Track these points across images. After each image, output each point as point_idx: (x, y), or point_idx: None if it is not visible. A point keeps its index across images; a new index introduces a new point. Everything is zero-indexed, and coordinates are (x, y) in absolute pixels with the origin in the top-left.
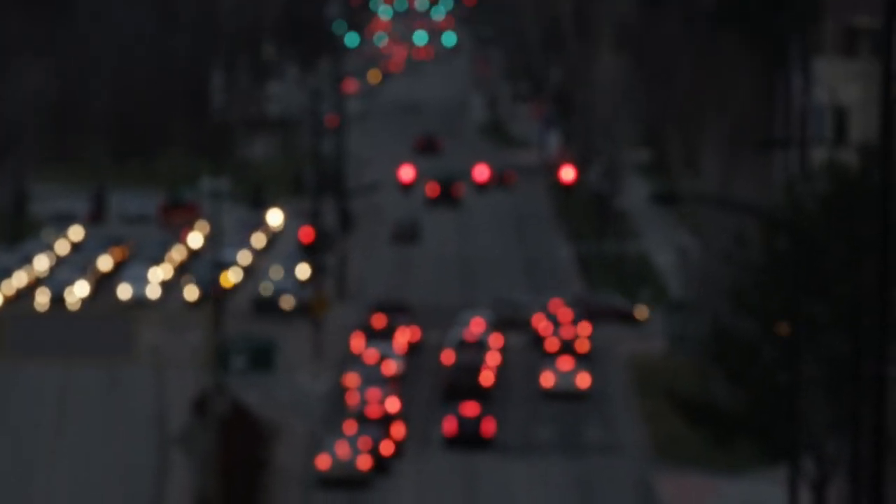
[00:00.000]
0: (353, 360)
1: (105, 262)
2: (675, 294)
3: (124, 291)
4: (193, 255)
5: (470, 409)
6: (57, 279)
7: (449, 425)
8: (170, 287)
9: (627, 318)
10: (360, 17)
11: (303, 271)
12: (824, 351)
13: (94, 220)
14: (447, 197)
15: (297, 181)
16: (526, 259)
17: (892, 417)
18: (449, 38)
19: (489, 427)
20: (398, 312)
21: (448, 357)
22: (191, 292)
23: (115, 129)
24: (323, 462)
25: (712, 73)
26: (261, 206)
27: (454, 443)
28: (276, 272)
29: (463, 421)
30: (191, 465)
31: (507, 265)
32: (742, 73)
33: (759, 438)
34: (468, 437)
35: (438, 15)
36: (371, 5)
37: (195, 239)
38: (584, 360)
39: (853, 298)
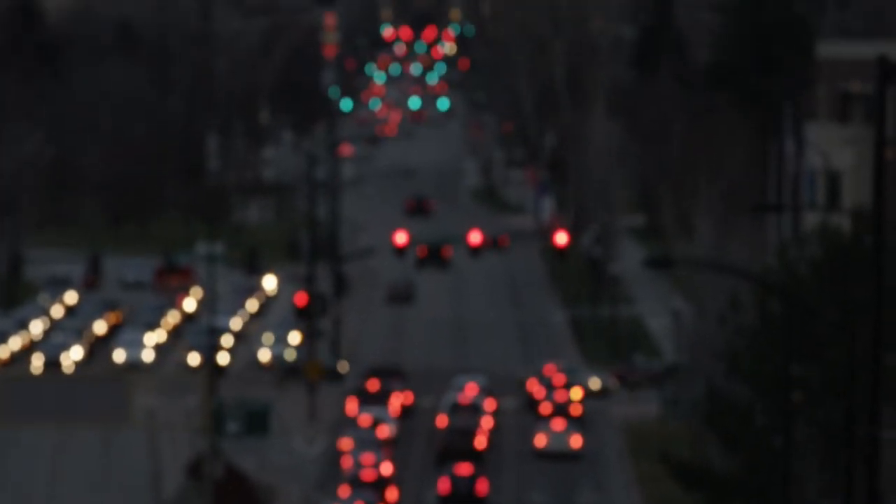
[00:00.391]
0: (348, 424)
1: (100, 327)
2: (669, 358)
3: (119, 355)
4: (188, 319)
5: (464, 469)
6: (52, 343)
7: (443, 485)
8: (165, 351)
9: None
10: (355, 82)
11: (294, 337)
12: (818, 415)
13: (89, 285)
14: (436, 258)
15: (293, 246)
16: (520, 323)
17: (886, 481)
18: (443, 103)
19: (483, 487)
20: (392, 376)
21: (442, 421)
22: (186, 357)
23: (111, 192)
24: None
25: (706, 137)
26: (256, 271)
27: (448, 502)
28: (268, 339)
29: (457, 480)
30: None
31: (501, 329)
32: (735, 138)
33: (754, 502)
34: (462, 497)
35: (432, 80)
36: (366, 70)
37: (190, 304)
38: (577, 423)
39: (846, 362)
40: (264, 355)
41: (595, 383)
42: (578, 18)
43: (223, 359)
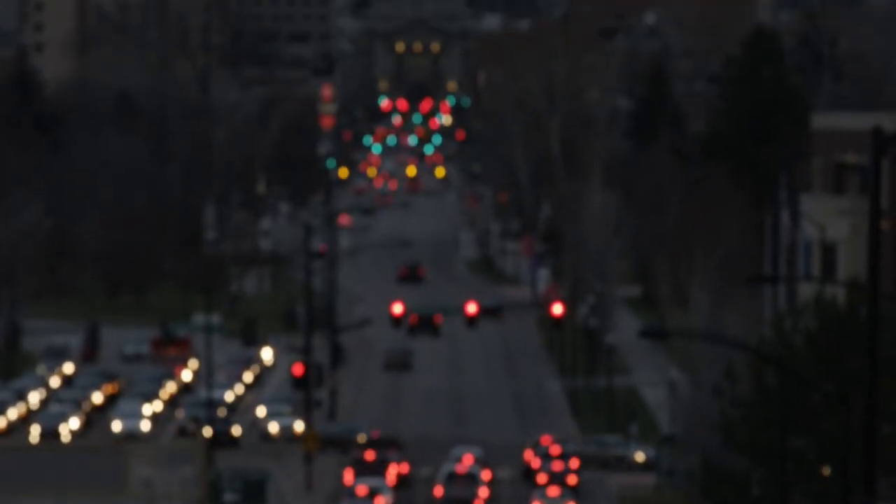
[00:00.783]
0: (345, 494)
1: (98, 397)
2: (665, 428)
3: (117, 426)
4: (186, 390)
5: None
6: (50, 413)
7: None
8: (162, 421)
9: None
10: (352, 153)
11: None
12: (814, 485)
13: (87, 357)
14: (429, 326)
15: (289, 316)
16: (516, 393)
17: None
18: (439, 174)
19: None
20: (388, 447)
21: (439, 491)
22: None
23: (108, 262)
24: None
25: (702, 208)
26: (253, 342)
27: None
28: (261, 412)
29: None
30: None
31: (498, 399)
32: (731, 209)
33: None
34: None
35: (429, 151)
36: (363, 141)
37: (187, 374)
38: (573, 492)
39: (842, 433)
40: (273, 427)
41: (640, 456)
42: (574, 90)
43: (236, 430)
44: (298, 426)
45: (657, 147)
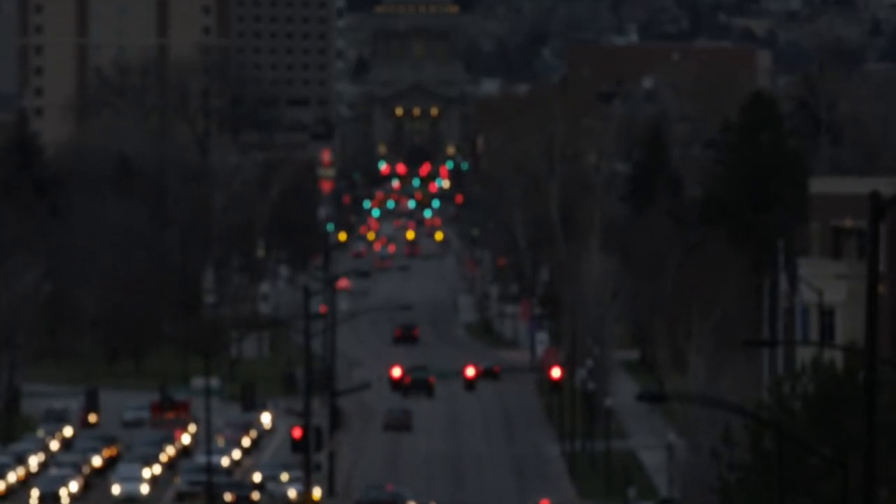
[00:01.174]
0: None
1: (97, 461)
2: (663, 492)
3: (116, 489)
4: (185, 453)
5: None
6: (49, 477)
7: None
8: (161, 485)
9: None
10: (351, 217)
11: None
12: None
13: (86, 421)
14: (423, 387)
15: (289, 380)
16: (515, 456)
17: None
18: (438, 238)
19: None
20: None
21: None
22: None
23: (107, 326)
24: None
25: (699, 272)
26: (252, 406)
27: None
28: (257, 477)
29: None
30: None
31: (496, 462)
32: (729, 273)
33: None
34: None
35: (427, 214)
36: (362, 205)
37: (186, 438)
38: None
39: (840, 497)
40: (291, 492)
41: None
42: (573, 154)
43: (255, 496)
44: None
45: (655, 211)
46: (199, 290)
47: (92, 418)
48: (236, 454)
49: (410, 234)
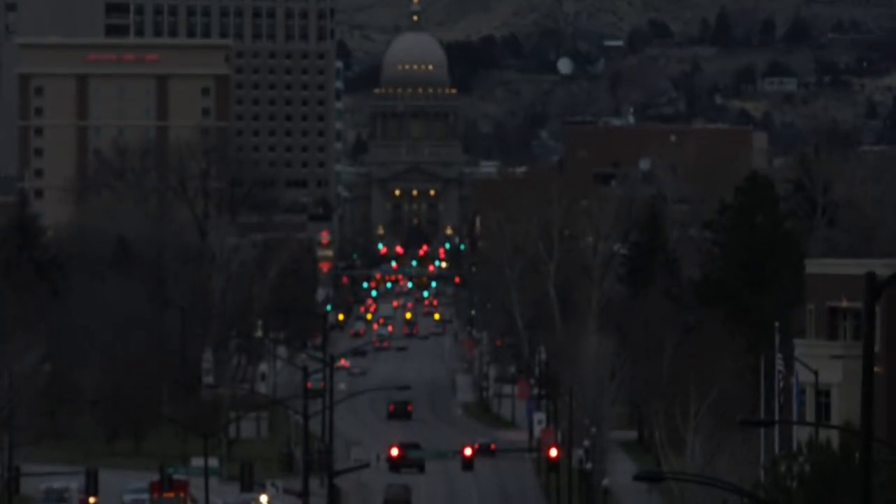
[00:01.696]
0: None
1: None
2: None
3: None
4: None
5: None
6: None
7: None
8: None
9: None
10: (350, 298)
11: None
12: None
13: (86, 502)
14: (413, 463)
15: (287, 460)
16: None
17: None
18: (436, 318)
19: None
20: None
21: None
22: None
23: (107, 407)
24: None
25: (696, 353)
26: (250, 486)
27: None
28: None
29: None
30: None
31: None
32: (726, 353)
33: None
34: None
35: (425, 295)
36: (361, 285)
37: None
38: None
39: None
40: None
41: None
42: (570, 236)
43: None
44: None
45: (653, 292)
46: (199, 370)
47: (92, 499)
48: None
49: (408, 315)
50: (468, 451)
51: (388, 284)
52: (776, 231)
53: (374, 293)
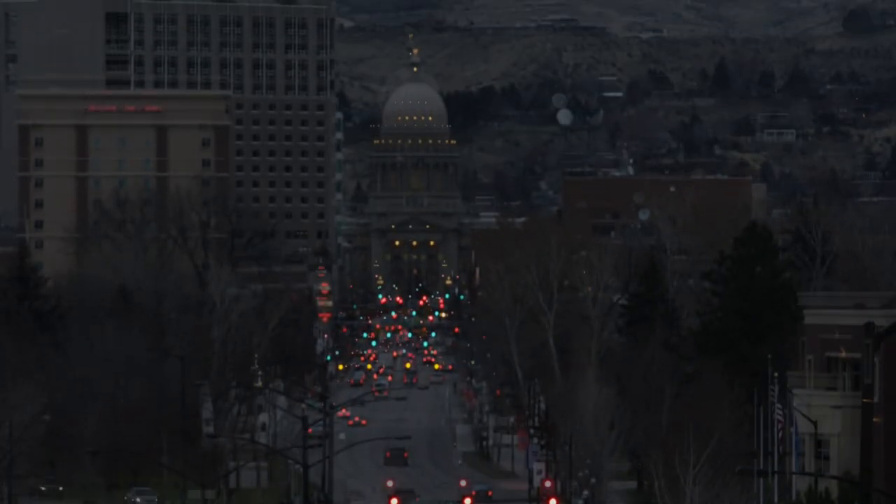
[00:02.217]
0: None
1: None
2: None
3: None
4: None
5: None
6: None
7: None
8: None
9: None
10: (349, 348)
11: None
12: None
13: None
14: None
15: None
16: None
17: None
18: (435, 368)
19: None
20: None
21: None
22: None
23: (106, 455)
24: None
25: (695, 403)
26: None
27: None
28: None
29: None
30: None
31: None
32: (724, 404)
33: None
34: None
35: (425, 345)
36: (360, 335)
37: None
38: None
39: None
40: None
41: None
42: (569, 286)
43: None
44: None
45: (652, 342)
46: (198, 419)
47: None
48: None
49: (408, 365)
50: (467, 502)
51: (388, 334)
52: (775, 281)
53: (373, 343)
